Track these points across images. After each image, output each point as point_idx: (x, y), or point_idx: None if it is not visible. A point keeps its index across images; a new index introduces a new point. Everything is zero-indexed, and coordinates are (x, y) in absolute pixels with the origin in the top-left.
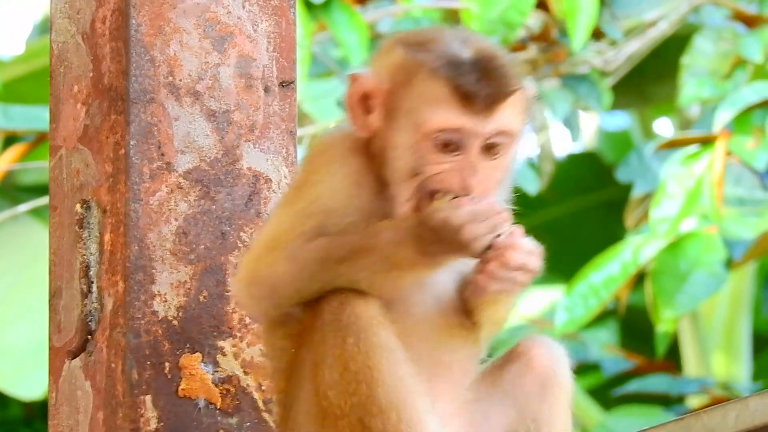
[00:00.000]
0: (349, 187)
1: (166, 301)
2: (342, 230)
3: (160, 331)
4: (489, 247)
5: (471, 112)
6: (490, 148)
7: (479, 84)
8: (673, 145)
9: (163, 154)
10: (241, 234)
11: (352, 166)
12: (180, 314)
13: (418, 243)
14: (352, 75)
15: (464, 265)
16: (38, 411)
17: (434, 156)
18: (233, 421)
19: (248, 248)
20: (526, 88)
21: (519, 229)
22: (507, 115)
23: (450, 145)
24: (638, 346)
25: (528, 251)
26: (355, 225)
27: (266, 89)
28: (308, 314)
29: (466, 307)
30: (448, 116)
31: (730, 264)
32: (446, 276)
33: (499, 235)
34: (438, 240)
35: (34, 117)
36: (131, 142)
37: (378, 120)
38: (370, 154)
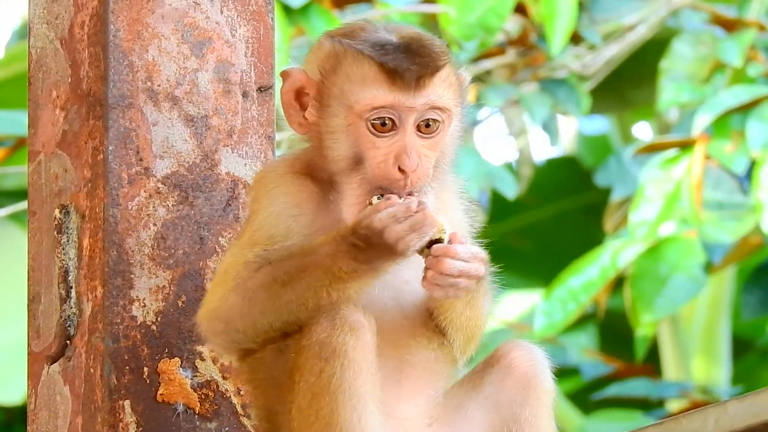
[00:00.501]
0: (290, 208)
1: (144, 306)
2: (284, 254)
3: (138, 336)
4: (428, 249)
5: (400, 88)
6: (426, 127)
7: (406, 61)
8: (652, 149)
9: (141, 159)
10: (220, 239)
11: (291, 187)
12: (158, 319)
13: (353, 251)
14: (283, 72)
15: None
16: (18, 416)
17: (370, 138)
18: (212, 425)
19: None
20: (459, 70)
21: (459, 233)
22: (437, 90)
23: (385, 125)
24: (618, 350)
25: (467, 257)
26: (298, 245)
27: (244, 94)
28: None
29: (429, 309)
30: (377, 93)
31: (709, 268)
32: (410, 276)
33: (439, 240)
34: (368, 246)
35: (13, 122)
36: (110, 147)
37: (313, 113)
38: (311, 167)
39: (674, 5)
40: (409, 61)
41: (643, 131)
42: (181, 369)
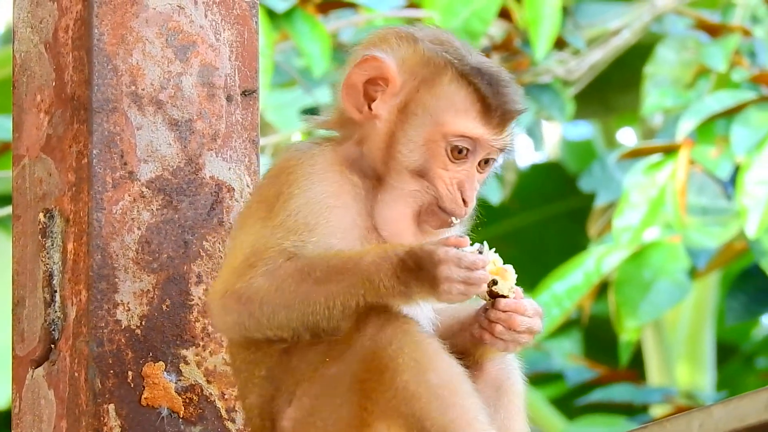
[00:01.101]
0: (330, 198)
1: (129, 310)
2: (322, 252)
3: (123, 340)
4: (492, 304)
5: (489, 124)
6: (485, 163)
7: (500, 99)
8: (636, 154)
9: (125, 164)
10: (204, 243)
11: (332, 176)
12: (143, 323)
13: (399, 269)
14: (371, 56)
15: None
16: (3, 420)
17: (444, 160)
18: (196, 429)
19: (223, 261)
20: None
21: (519, 289)
22: (512, 132)
23: (461, 152)
24: (602, 355)
25: (533, 313)
26: (338, 245)
27: (229, 98)
28: (350, 331)
29: (455, 348)
30: (471, 124)
31: (693, 273)
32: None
33: (492, 292)
34: (417, 269)
35: None
36: (94, 152)
37: (385, 109)
38: (353, 160)
39: (658, 10)
40: (502, 99)
41: (628, 136)
42: (165, 373)
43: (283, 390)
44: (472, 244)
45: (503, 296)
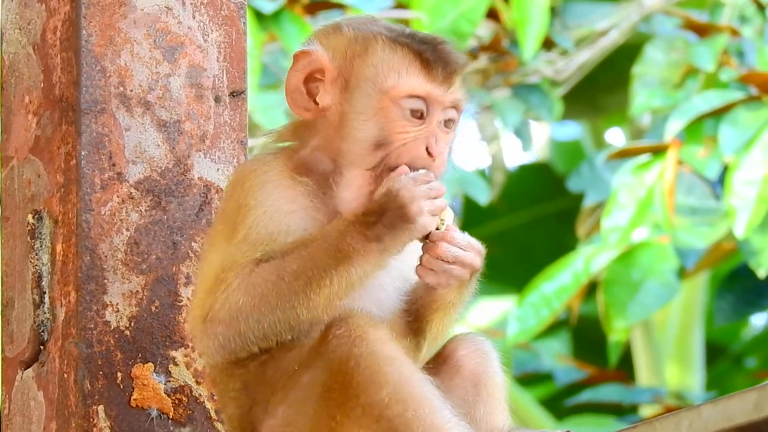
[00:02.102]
0: (286, 204)
1: (118, 311)
2: (288, 246)
3: (112, 341)
4: (427, 237)
5: (434, 80)
6: (445, 122)
7: (437, 55)
8: (624, 154)
9: (114, 165)
10: (193, 244)
11: (284, 182)
12: (132, 324)
13: (364, 227)
14: (300, 52)
15: (407, 272)
16: None
17: (401, 123)
18: (186, 430)
19: (196, 286)
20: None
21: (455, 226)
22: (460, 89)
23: (415, 113)
24: (591, 355)
25: (464, 245)
26: (302, 237)
27: (217, 99)
28: (315, 341)
29: (410, 317)
30: (415, 82)
31: (682, 273)
32: (390, 285)
33: (437, 228)
34: (381, 215)
35: None
36: (82, 153)
37: (329, 97)
38: (302, 162)
39: (646, 10)
40: (440, 56)
41: (616, 137)
42: (154, 374)
43: (259, 400)
44: None
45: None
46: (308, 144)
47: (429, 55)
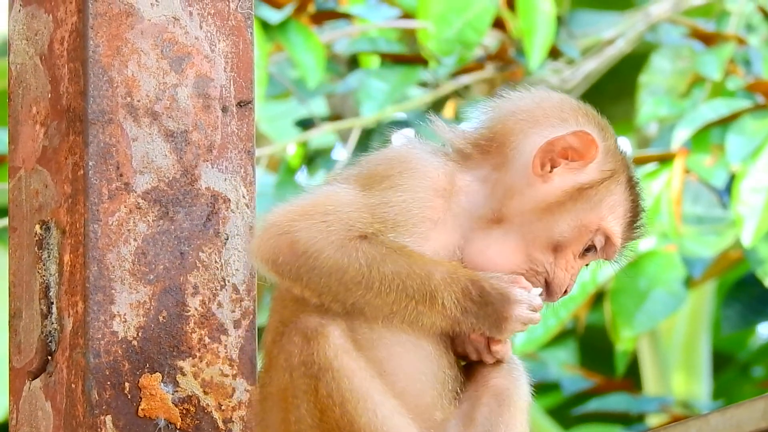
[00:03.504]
0: (428, 210)
1: (125, 321)
2: (400, 246)
3: (119, 352)
4: None
5: (626, 237)
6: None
7: (641, 216)
8: None
9: (121, 175)
10: (200, 254)
11: (440, 191)
12: (139, 334)
13: (465, 296)
14: (588, 135)
15: None
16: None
17: (580, 246)
18: None
19: (299, 197)
20: None
21: None
22: (625, 250)
23: (592, 249)
24: (598, 365)
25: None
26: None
27: (224, 109)
28: (273, 343)
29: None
30: (620, 230)
31: (689, 282)
32: None
33: None
34: (481, 302)
35: None
36: (90, 163)
37: (561, 179)
38: (471, 183)
39: (653, 19)
40: (643, 221)
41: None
42: (162, 384)
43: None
44: None
45: None
46: (479, 168)
47: (640, 218)
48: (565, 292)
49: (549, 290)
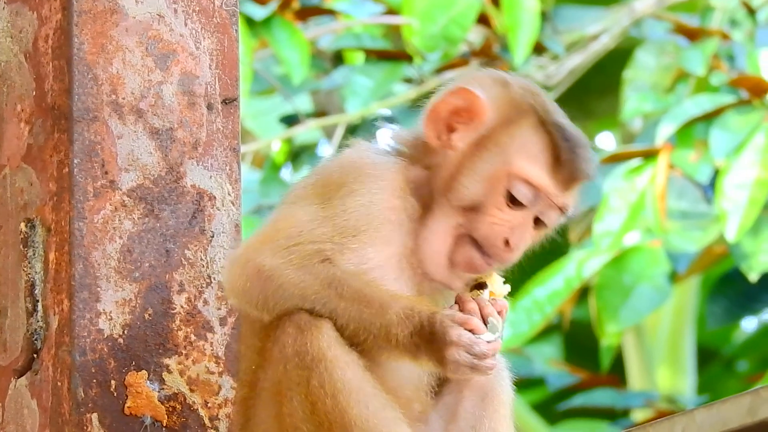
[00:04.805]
0: (387, 212)
1: (111, 319)
2: (358, 272)
3: (105, 349)
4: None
5: (555, 178)
6: (538, 220)
7: (573, 157)
8: (615, 159)
9: (106, 173)
10: (186, 251)
11: (396, 191)
12: (125, 332)
13: (417, 333)
14: (464, 89)
15: None
16: None
17: (500, 199)
18: None
19: (264, 226)
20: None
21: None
22: (574, 197)
23: (517, 202)
24: (583, 360)
25: (491, 355)
26: (374, 257)
27: (209, 106)
28: (267, 337)
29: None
30: (538, 172)
31: (674, 277)
32: None
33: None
34: (430, 340)
35: None
36: (75, 161)
37: (463, 141)
38: (416, 177)
39: (637, 15)
40: (578, 160)
41: (607, 141)
42: (148, 382)
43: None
44: (480, 287)
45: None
46: (422, 160)
47: (564, 154)
48: (509, 244)
49: (484, 251)
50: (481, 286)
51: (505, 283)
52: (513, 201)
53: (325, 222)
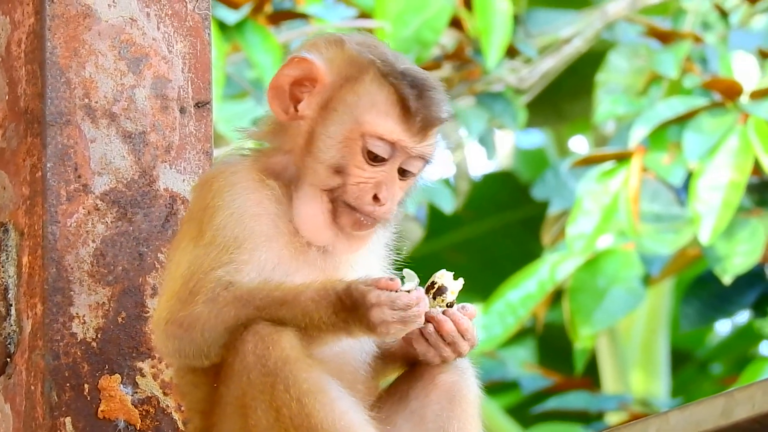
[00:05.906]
0: (252, 207)
1: (84, 322)
2: (263, 282)
3: (79, 353)
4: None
5: (409, 130)
6: (406, 170)
7: (422, 103)
8: (588, 162)
9: (79, 176)
10: (159, 255)
11: (252, 184)
12: (99, 336)
13: (337, 306)
14: (298, 57)
15: None
16: None
17: (359, 158)
18: None
19: (164, 285)
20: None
21: (472, 308)
22: (432, 142)
23: (378, 158)
24: (556, 363)
25: (465, 329)
26: (267, 258)
27: (182, 110)
28: (228, 350)
29: (377, 360)
30: (390, 127)
31: (647, 280)
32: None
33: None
34: (353, 309)
35: None
36: (48, 165)
37: (310, 108)
38: (269, 167)
39: (609, 18)
40: (425, 106)
41: (580, 144)
42: (121, 385)
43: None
44: (401, 270)
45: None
46: (280, 146)
47: (413, 103)
48: (378, 200)
49: (355, 208)
50: (439, 291)
51: (455, 278)
52: (372, 158)
53: (208, 250)
